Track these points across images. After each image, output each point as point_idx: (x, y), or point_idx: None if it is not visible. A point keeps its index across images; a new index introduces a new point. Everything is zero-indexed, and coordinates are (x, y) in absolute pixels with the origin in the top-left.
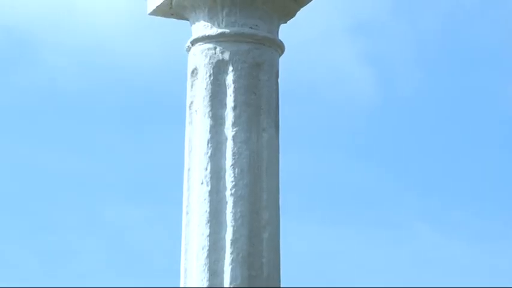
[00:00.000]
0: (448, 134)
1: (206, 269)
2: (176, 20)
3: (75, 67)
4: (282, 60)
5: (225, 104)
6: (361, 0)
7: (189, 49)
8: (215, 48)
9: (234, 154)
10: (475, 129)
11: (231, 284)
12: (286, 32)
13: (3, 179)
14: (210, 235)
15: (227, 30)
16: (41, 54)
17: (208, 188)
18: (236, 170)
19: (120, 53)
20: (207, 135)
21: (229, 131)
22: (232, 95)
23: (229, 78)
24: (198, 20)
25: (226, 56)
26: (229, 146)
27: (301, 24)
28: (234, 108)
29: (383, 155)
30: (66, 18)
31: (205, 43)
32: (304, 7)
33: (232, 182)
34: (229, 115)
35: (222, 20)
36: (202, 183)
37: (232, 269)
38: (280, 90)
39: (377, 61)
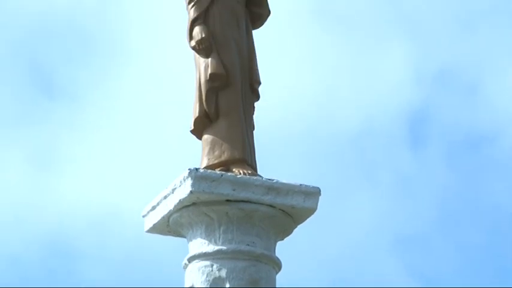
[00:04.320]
0: None
1: None
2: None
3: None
4: (325, 265)
5: None
6: (405, 213)
7: (186, 266)
8: (212, 265)
9: None
10: None
11: None
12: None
13: None
14: None
15: (224, 247)
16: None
17: None
18: None
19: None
20: None
21: None
22: None
23: None
24: (195, 237)
25: (223, 273)
26: None
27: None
28: None
29: None
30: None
31: (202, 260)
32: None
33: None
34: None
35: (219, 237)
36: None
37: None
38: None
39: (421, 275)
